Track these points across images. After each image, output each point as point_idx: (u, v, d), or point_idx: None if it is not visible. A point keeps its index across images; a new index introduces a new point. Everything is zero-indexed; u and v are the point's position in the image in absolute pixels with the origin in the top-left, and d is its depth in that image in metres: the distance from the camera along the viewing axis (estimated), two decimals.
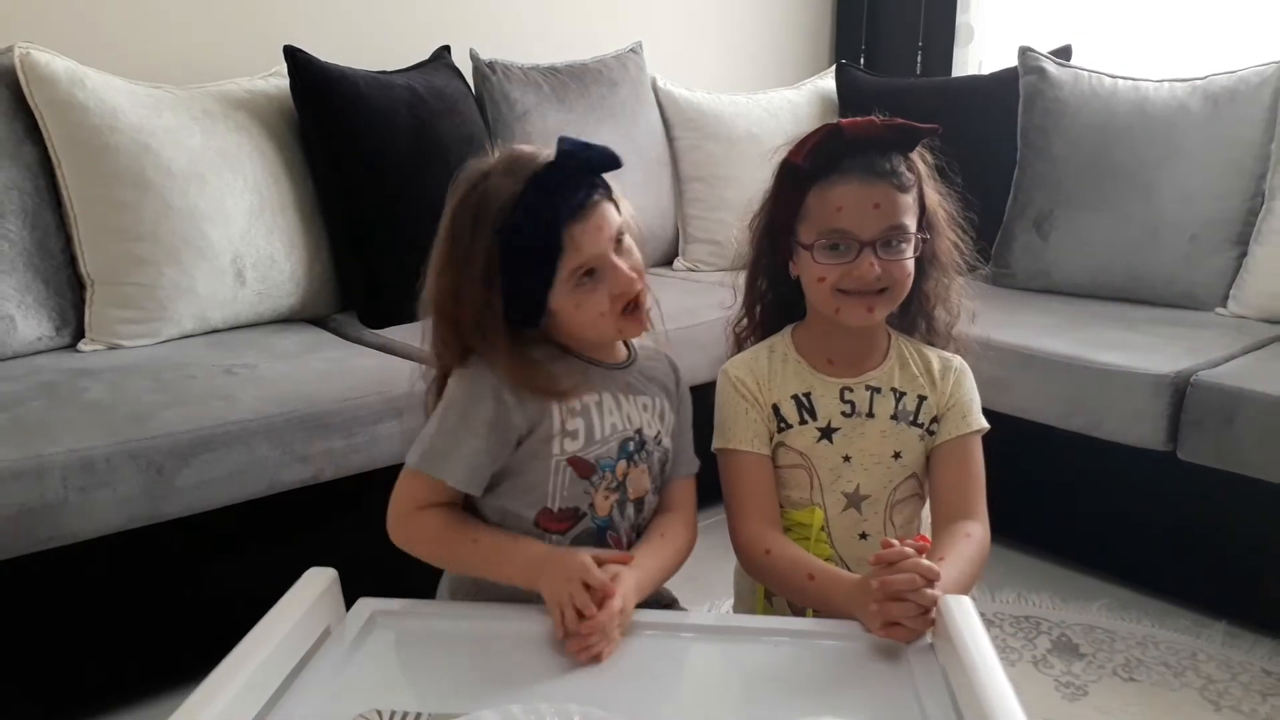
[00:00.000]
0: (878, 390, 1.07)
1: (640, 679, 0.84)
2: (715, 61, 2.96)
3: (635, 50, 2.55)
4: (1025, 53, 2.38)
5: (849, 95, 2.64)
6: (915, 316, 1.12)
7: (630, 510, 1.00)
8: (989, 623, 1.75)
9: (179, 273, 1.76)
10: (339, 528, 1.52)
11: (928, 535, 1.06)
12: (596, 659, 0.84)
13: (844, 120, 0.99)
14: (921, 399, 1.08)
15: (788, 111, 2.64)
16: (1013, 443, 1.95)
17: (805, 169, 0.99)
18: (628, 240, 0.96)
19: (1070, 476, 1.91)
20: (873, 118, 0.99)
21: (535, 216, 0.89)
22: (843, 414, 1.06)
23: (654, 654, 0.87)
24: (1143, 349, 1.80)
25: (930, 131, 1.01)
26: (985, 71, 2.80)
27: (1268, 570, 1.67)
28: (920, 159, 1.04)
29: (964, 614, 0.85)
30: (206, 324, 1.82)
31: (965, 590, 0.93)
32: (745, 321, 1.15)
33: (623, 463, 0.98)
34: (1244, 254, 2.04)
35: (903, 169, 1.00)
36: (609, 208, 0.94)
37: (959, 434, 1.07)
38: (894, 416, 1.07)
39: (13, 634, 1.38)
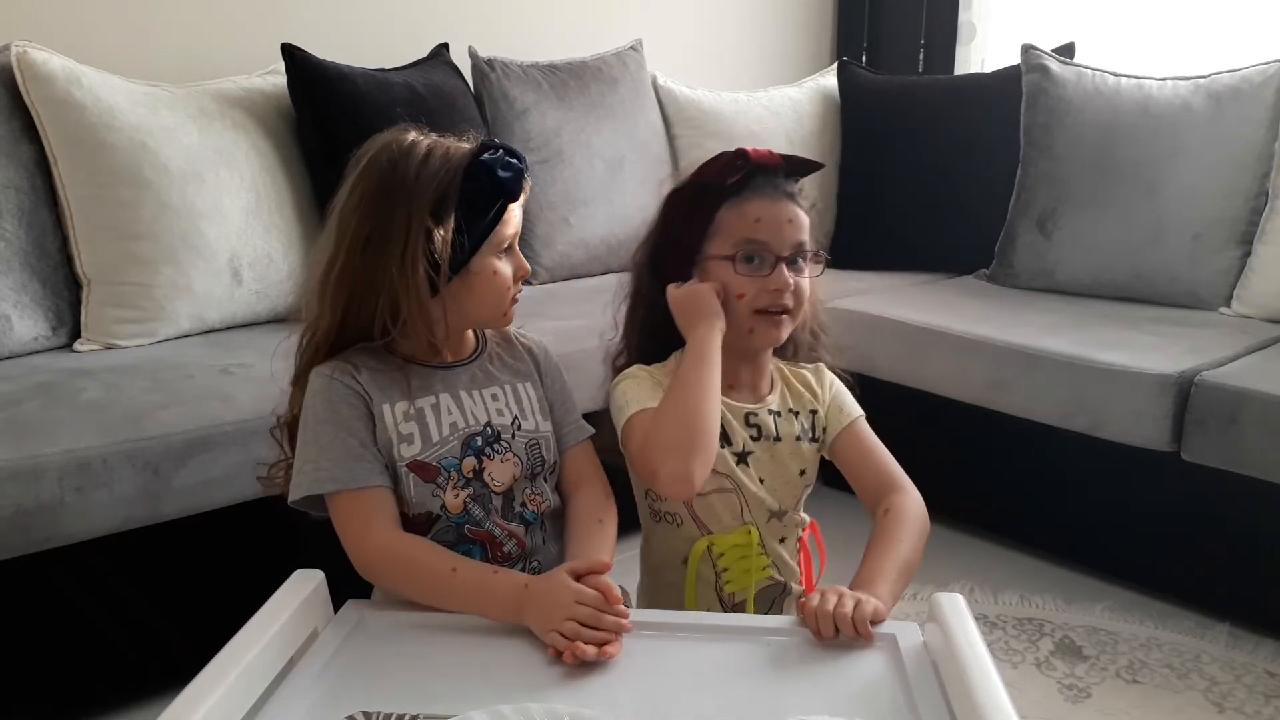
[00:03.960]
0: (778, 414, 1.09)
1: (631, 679, 0.83)
2: (716, 59, 2.95)
3: (635, 48, 2.55)
4: (1028, 50, 2.37)
5: (851, 93, 2.63)
6: (802, 342, 1.15)
7: (498, 501, 1.00)
8: (992, 624, 1.74)
9: (176, 272, 1.75)
10: (334, 530, 1.52)
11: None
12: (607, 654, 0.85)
13: (746, 148, 1.04)
14: (813, 413, 1.11)
15: (789, 109, 2.63)
16: (1015, 443, 1.96)
17: (720, 187, 1.03)
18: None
19: (1073, 477, 1.90)
20: (769, 149, 1.06)
21: (496, 184, 0.97)
22: (751, 438, 1.07)
23: (645, 654, 0.87)
24: (1146, 349, 1.79)
25: (818, 166, 1.08)
26: (988, 69, 2.79)
27: (1272, 571, 1.66)
28: (809, 199, 1.08)
29: (956, 611, 0.85)
30: (203, 323, 1.81)
31: (912, 563, 0.99)
32: (624, 356, 1.14)
33: (470, 459, 0.99)
34: (1248, 253, 2.03)
35: (802, 196, 1.06)
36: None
37: (843, 426, 1.11)
38: (798, 437, 1.09)
39: (9, 635, 1.37)
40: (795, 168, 1.06)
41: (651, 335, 1.11)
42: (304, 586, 0.89)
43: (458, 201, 0.96)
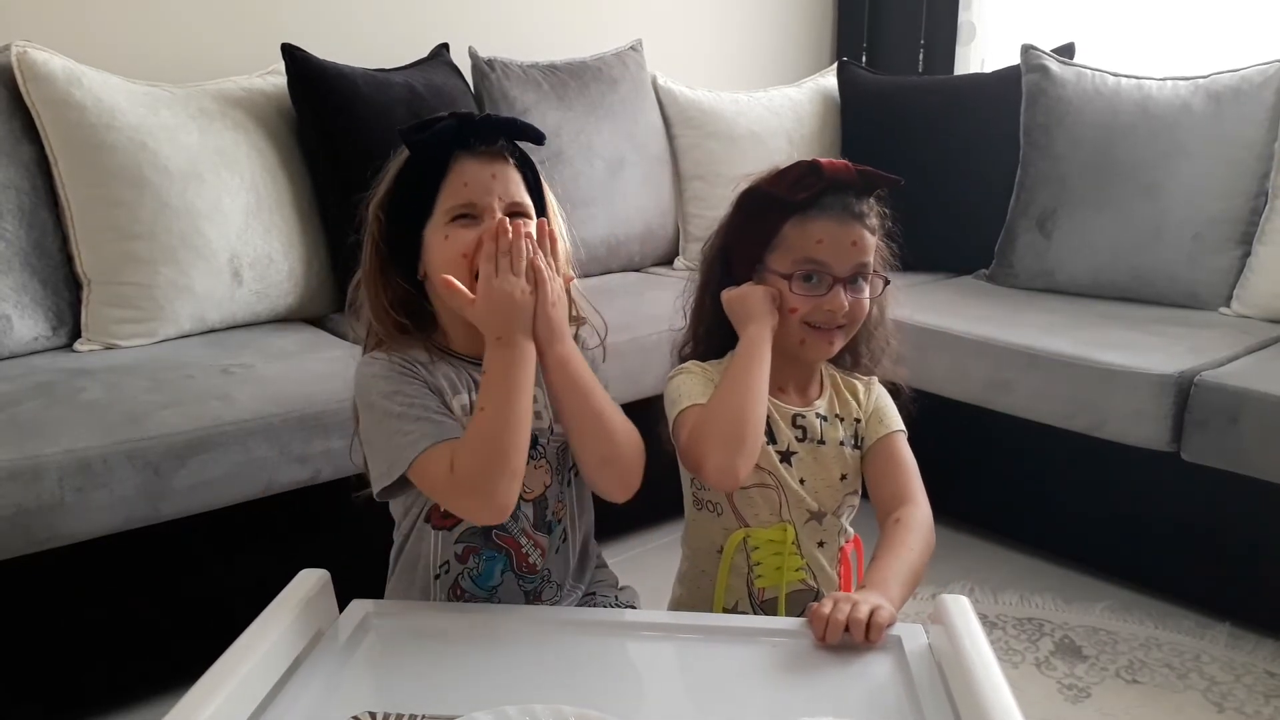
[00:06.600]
0: (824, 418, 1.10)
1: (636, 680, 0.84)
2: (716, 59, 2.95)
3: (635, 48, 2.55)
4: (1028, 51, 2.37)
5: (850, 93, 2.63)
6: (862, 354, 1.16)
7: (528, 509, 0.99)
8: (991, 624, 1.74)
9: (176, 272, 1.75)
10: (336, 529, 1.52)
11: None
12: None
13: (820, 159, 1.04)
14: (857, 421, 1.12)
15: (789, 109, 2.63)
16: (1015, 443, 1.96)
17: (788, 200, 1.03)
18: (530, 228, 0.96)
19: (1073, 477, 1.90)
20: (846, 162, 1.04)
21: (434, 138, 0.93)
22: (796, 439, 1.09)
23: (650, 655, 0.87)
24: (1146, 349, 1.79)
25: (895, 182, 1.06)
26: (988, 69, 2.79)
27: (1271, 571, 1.66)
28: (879, 214, 1.08)
29: (961, 613, 0.85)
30: (204, 324, 1.81)
31: (919, 571, 1.00)
32: (690, 346, 1.16)
33: None
34: (1248, 253, 2.04)
35: (871, 215, 1.06)
36: (514, 174, 0.97)
37: (879, 436, 1.11)
38: (841, 442, 1.10)
39: (9, 635, 1.37)
40: (869, 183, 1.05)
41: (715, 327, 1.12)
42: (309, 586, 0.89)
43: (395, 180, 0.96)
